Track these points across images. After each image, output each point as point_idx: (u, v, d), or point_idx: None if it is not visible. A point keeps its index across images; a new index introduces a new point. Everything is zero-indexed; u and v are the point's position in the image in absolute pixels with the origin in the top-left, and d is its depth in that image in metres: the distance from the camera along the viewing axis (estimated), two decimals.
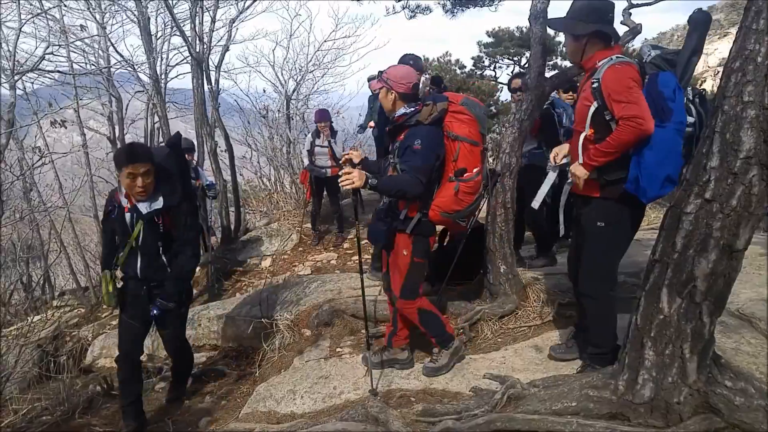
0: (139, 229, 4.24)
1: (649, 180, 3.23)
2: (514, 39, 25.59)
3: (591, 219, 3.56)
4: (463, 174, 3.91)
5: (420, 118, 3.83)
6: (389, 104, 3.96)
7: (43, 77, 9.44)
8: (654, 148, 3.21)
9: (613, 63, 3.34)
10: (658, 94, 3.24)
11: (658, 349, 2.74)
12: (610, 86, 3.28)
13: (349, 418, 3.53)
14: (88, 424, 4.70)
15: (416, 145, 3.72)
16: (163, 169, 4.27)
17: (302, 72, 13.83)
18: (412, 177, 3.67)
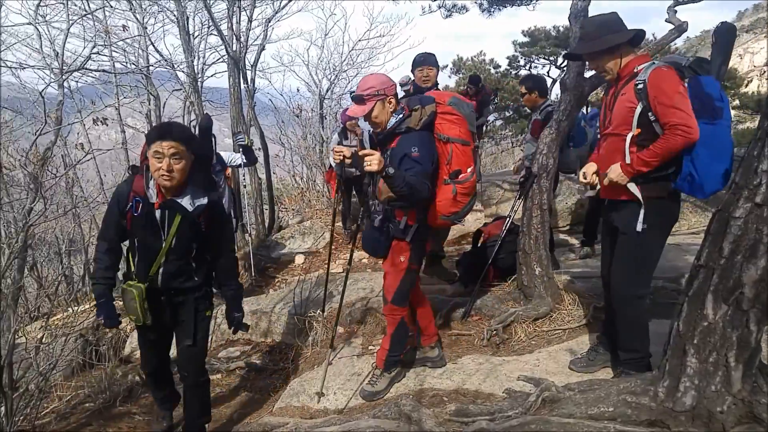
0: (175, 230, 3.56)
1: (706, 176, 3.24)
2: (550, 38, 25.32)
3: (630, 221, 3.48)
4: (458, 176, 3.85)
5: (411, 124, 3.72)
6: (388, 114, 3.77)
7: (86, 76, 9.64)
8: (709, 145, 3.22)
9: (658, 66, 3.33)
10: (706, 96, 3.27)
11: (702, 356, 2.68)
12: (657, 88, 3.26)
13: (382, 416, 3.53)
14: (128, 412, 4.79)
15: (414, 153, 3.62)
16: (201, 159, 3.74)
17: (336, 71, 13.88)
18: (418, 183, 3.54)
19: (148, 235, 3.59)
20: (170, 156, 3.38)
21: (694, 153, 3.24)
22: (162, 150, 3.37)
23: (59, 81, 5.78)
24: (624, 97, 3.44)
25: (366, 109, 3.71)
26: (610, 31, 3.45)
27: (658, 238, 3.55)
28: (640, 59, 3.45)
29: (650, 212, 3.43)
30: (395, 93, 3.77)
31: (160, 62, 10.85)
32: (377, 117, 3.75)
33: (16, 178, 8.07)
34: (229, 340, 6.51)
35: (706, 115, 3.22)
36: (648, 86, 3.29)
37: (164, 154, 3.37)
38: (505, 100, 24.64)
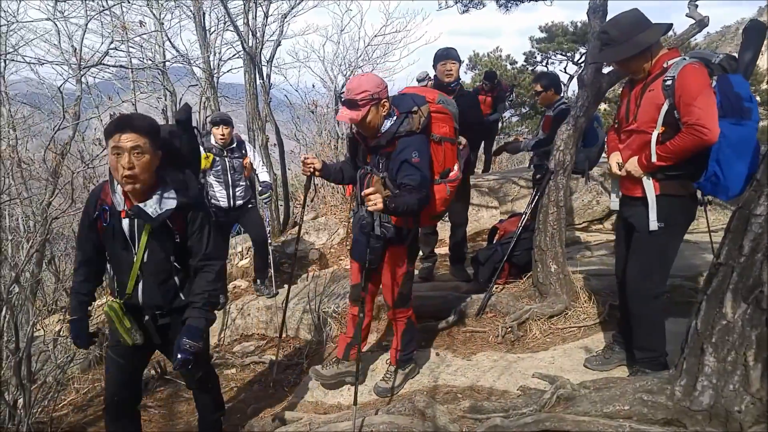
0: (145, 241, 3.09)
1: (732, 178, 3.17)
2: (567, 34, 25.19)
3: (647, 219, 3.44)
4: (449, 174, 3.83)
5: (413, 127, 3.53)
6: (381, 118, 3.56)
7: (104, 72, 9.72)
8: (737, 146, 3.15)
9: (689, 62, 3.26)
10: (735, 95, 3.18)
11: (720, 355, 2.65)
12: (685, 86, 3.19)
13: (396, 412, 3.53)
14: (143, 405, 4.83)
15: (415, 158, 3.44)
16: (173, 155, 3.20)
17: (351, 67, 13.86)
18: (420, 192, 3.40)
19: (118, 248, 3.14)
20: (130, 151, 2.90)
21: (720, 153, 3.17)
22: (121, 144, 2.89)
23: (77, 76, 5.83)
24: (652, 94, 3.37)
25: (360, 114, 3.47)
26: (639, 31, 3.32)
27: (674, 237, 3.51)
28: (669, 54, 3.37)
29: (668, 210, 3.39)
30: (388, 96, 3.57)
31: (176, 58, 10.93)
32: (370, 122, 3.52)
33: (35, 173, 8.14)
34: (243, 335, 6.56)
35: (734, 116, 3.15)
36: (676, 83, 3.22)
37: (124, 149, 2.90)
38: (522, 96, 24.54)
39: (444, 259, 6.74)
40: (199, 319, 3.17)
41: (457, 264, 6.19)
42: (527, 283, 5.32)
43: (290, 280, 5.11)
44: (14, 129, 7.73)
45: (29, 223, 7.68)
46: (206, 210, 3.31)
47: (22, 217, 8.85)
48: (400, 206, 3.28)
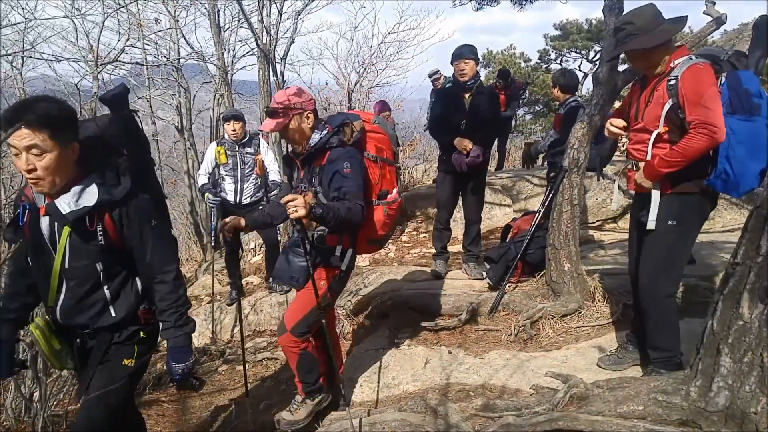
0: (64, 243, 2.53)
1: (742, 175, 3.14)
2: (582, 32, 25.06)
3: (660, 217, 3.40)
4: (386, 196, 3.65)
5: (344, 139, 3.39)
6: (308, 130, 3.42)
7: (119, 68, 9.79)
8: (746, 143, 3.12)
9: (694, 62, 3.22)
10: (744, 91, 3.16)
11: (736, 356, 2.63)
12: (689, 85, 3.16)
13: (408, 409, 3.53)
14: (157, 400, 4.86)
15: (346, 169, 3.27)
16: (98, 146, 2.62)
17: (365, 64, 13.85)
18: (352, 204, 3.19)
19: (38, 251, 2.62)
20: (27, 150, 2.32)
21: (729, 150, 3.14)
22: (15, 143, 2.31)
23: (94, 73, 5.86)
24: (658, 93, 3.35)
25: (282, 123, 3.36)
26: (663, 21, 3.30)
27: (688, 235, 3.48)
28: (678, 53, 3.33)
29: (681, 208, 3.37)
30: (314, 108, 3.46)
31: (190, 55, 10.97)
32: (294, 133, 3.41)
33: None
34: (256, 331, 6.57)
35: (743, 111, 3.13)
36: (680, 82, 3.19)
37: (19, 149, 2.33)
38: (535, 94, 24.46)
39: (456, 256, 6.73)
40: (178, 338, 2.72)
41: (470, 262, 6.17)
42: (540, 281, 5.29)
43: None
44: None
45: None
46: (147, 208, 2.68)
47: None
48: (327, 213, 3.05)
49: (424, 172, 12.89)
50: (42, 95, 2.59)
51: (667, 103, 3.26)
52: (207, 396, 4.98)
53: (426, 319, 5.23)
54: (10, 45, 9.36)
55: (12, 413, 3.90)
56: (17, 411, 3.93)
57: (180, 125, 10.91)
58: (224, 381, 5.30)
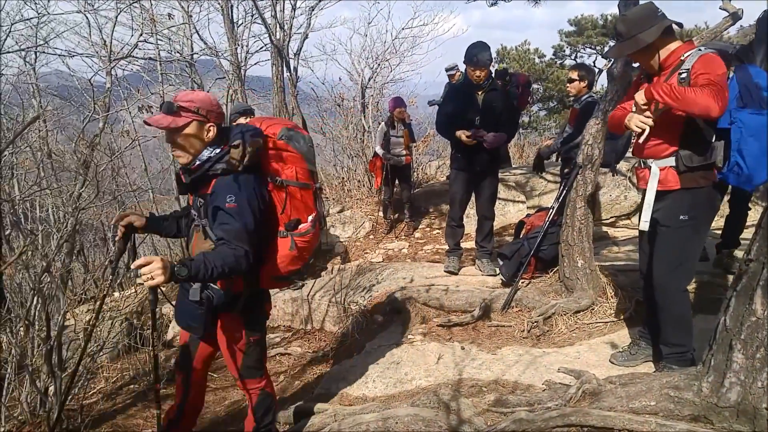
0: None
1: (754, 168, 3.13)
2: (597, 27, 24.87)
3: (671, 213, 3.41)
4: (298, 226, 3.11)
5: (230, 164, 2.83)
6: (201, 145, 2.89)
7: (133, 64, 9.84)
8: (758, 136, 3.11)
9: (704, 52, 3.21)
10: (754, 85, 3.18)
11: (748, 352, 2.62)
12: (700, 67, 3.13)
13: (421, 404, 3.55)
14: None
15: (229, 203, 2.76)
16: None
17: (379, 60, 13.83)
18: (234, 248, 2.70)
19: None
20: None
21: (742, 143, 3.14)
22: None
23: (107, 68, 5.90)
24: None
25: (178, 122, 2.83)
26: (643, 27, 3.27)
27: (700, 229, 3.47)
28: (685, 47, 3.31)
29: (692, 203, 3.36)
30: (220, 123, 2.93)
31: (204, 50, 11.00)
32: (185, 141, 2.85)
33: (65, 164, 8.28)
34: (269, 326, 6.61)
35: (754, 105, 3.13)
36: (692, 69, 3.16)
37: None
38: (550, 90, 24.33)
39: (469, 253, 6.73)
40: None
41: (483, 258, 6.17)
42: (553, 278, 5.29)
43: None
44: (45, 121, 7.86)
45: (59, 213, 7.81)
46: None
47: (52, 208, 9.01)
48: (198, 271, 2.58)
49: (438, 168, 12.89)
50: None
51: None
52: (221, 391, 5.02)
53: (439, 315, 5.25)
54: (23, 40, 9.43)
55: (27, 407, 3.95)
56: (32, 405, 3.98)
57: None
58: None
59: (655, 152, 3.41)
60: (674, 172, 3.35)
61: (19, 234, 5.28)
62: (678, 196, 3.37)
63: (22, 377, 3.96)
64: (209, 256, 2.64)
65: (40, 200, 9.57)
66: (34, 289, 3.99)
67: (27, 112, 8.92)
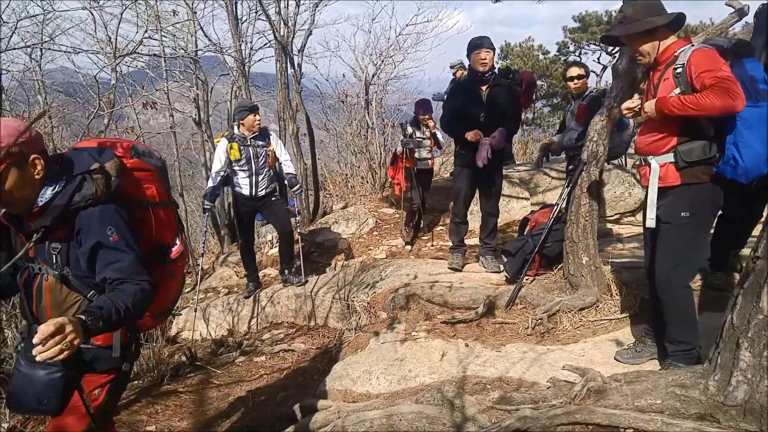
0: None
1: (750, 160, 3.14)
2: (602, 23, 24.80)
3: (673, 209, 3.40)
4: (169, 251, 2.74)
5: (94, 194, 2.29)
6: (35, 184, 2.25)
7: (137, 61, 9.85)
8: (754, 128, 3.13)
9: (698, 47, 3.23)
10: (749, 78, 3.23)
11: (756, 350, 2.60)
12: (698, 62, 3.13)
13: (425, 402, 3.54)
14: (175, 391, 4.91)
15: (112, 237, 2.28)
16: None
17: (382, 57, 13.82)
18: (138, 283, 2.26)
19: None
20: None
21: (737, 136, 3.15)
22: None
23: (112, 65, 5.91)
24: (666, 83, 3.33)
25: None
26: (651, 14, 3.31)
27: (703, 225, 3.47)
28: (680, 43, 3.33)
29: (694, 199, 3.35)
30: (43, 149, 2.30)
31: (208, 47, 11.02)
32: (13, 191, 2.19)
33: None
34: (273, 323, 6.62)
35: (750, 98, 3.12)
36: (688, 65, 3.18)
37: None
38: (554, 86, 24.27)
39: (473, 249, 6.72)
40: None
41: (487, 255, 6.16)
42: (558, 274, 5.27)
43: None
44: (50, 117, 7.88)
45: None
46: None
47: None
48: (109, 318, 2.09)
49: (441, 164, 12.86)
50: None
51: (676, 90, 3.24)
52: (224, 387, 5.03)
53: (443, 311, 5.24)
54: (29, 37, 9.46)
55: None
56: None
57: (197, 117, 10.97)
58: (241, 372, 5.34)
59: (654, 149, 3.42)
60: (674, 168, 3.34)
61: None
62: (679, 193, 3.37)
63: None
64: (114, 296, 2.17)
65: None
66: None
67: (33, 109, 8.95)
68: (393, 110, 14.61)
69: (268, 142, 6.57)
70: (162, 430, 4.26)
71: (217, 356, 5.83)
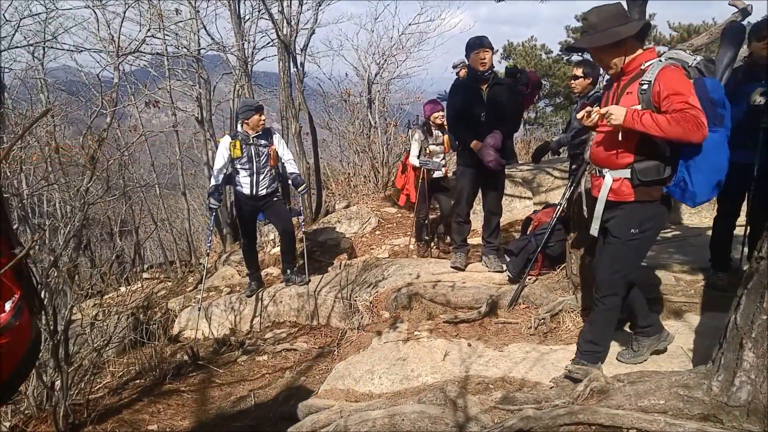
0: None
1: (699, 185, 3.15)
2: None
3: (623, 225, 3.39)
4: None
5: None
6: None
7: (140, 59, 9.86)
8: (707, 153, 3.11)
9: (666, 64, 3.16)
10: (710, 101, 3.14)
11: (759, 350, 2.60)
12: (667, 84, 3.07)
13: (428, 401, 3.54)
14: (177, 389, 4.91)
15: None
16: None
17: (385, 56, 13.81)
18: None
19: None
20: None
21: (690, 159, 3.14)
22: None
23: (115, 64, 5.91)
24: (630, 97, 3.25)
25: None
26: (617, 23, 3.20)
27: (649, 240, 3.51)
28: (646, 55, 3.26)
29: (644, 216, 3.36)
30: None
31: (211, 46, 11.01)
32: None
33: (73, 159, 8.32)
34: (275, 322, 6.61)
35: (708, 123, 3.05)
36: (654, 85, 3.11)
37: None
38: (556, 86, 24.22)
39: (476, 249, 6.71)
40: None
41: (490, 254, 6.15)
42: (561, 274, 5.27)
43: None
44: (53, 116, 7.90)
45: (66, 208, 7.84)
46: None
47: (59, 203, 9.05)
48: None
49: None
50: None
51: (637, 106, 3.19)
52: (226, 386, 5.03)
53: (445, 311, 5.23)
54: (31, 36, 9.48)
55: (33, 402, 3.97)
56: (38, 400, 4.00)
57: (200, 116, 10.97)
58: (243, 371, 5.34)
59: (610, 162, 3.38)
60: (629, 183, 3.32)
61: (27, 228, 5.30)
62: (631, 209, 3.36)
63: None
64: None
65: (48, 195, 9.63)
66: (42, 283, 4.00)
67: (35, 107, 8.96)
68: (396, 109, 14.59)
69: (270, 141, 6.56)
70: (164, 429, 4.26)
71: (219, 355, 5.84)
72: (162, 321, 6.68)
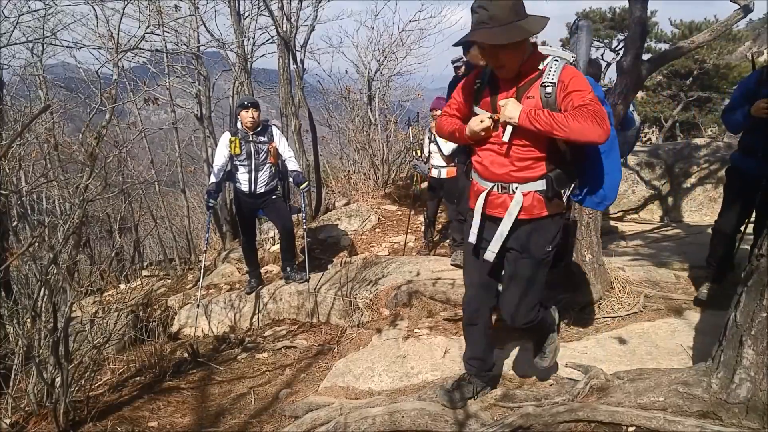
0: None
1: (611, 186, 3.05)
2: (605, 20, 24.69)
3: (537, 244, 3.04)
4: None
5: None
6: None
7: (139, 56, 9.87)
8: (608, 153, 2.99)
9: (565, 63, 2.83)
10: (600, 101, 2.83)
11: (759, 348, 2.60)
12: (573, 83, 2.75)
13: (428, 399, 3.54)
14: (177, 387, 4.90)
15: None
16: None
17: (385, 53, 13.80)
18: None
19: None
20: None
21: (596, 162, 3.01)
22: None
23: (114, 60, 5.90)
24: (531, 101, 2.83)
25: None
26: (522, 17, 2.74)
27: (551, 260, 3.16)
28: (540, 54, 2.89)
29: (556, 231, 3.08)
30: None
31: (210, 42, 11.01)
32: None
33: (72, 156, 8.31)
34: (275, 319, 6.61)
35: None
36: (560, 84, 2.77)
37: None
38: None
39: None
40: None
41: None
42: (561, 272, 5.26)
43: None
44: (51, 113, 7.89)
45: (66, 205, 7.84)
46: None
47: (58, 200, 9.05)
48: None
49: None
50: None
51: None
52: (226, 384, 5.02)
53: (446, 308, 5.23)
54: (30, 32, 9.47)
55: (34, 398, 3.96)
56: (39, 397, 3.99)
57: (199, 113, 10.98)
58: (243, 369, 5.33)
59: (518, 177, 2.97)
60: (540, 197, 2.97)
61: (26, 225, 5.29)
62: (545, 225, 3.04)
63: (29, 368, 3.96)
64: None
65: (47, 192, 9.63)
66: (41, 280, 3.99)
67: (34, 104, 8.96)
68: (396, 106, 14.60)
69: (270, 138, 6.54)
70: (164, 426, 4.25)
71: (219, 353, 5.83)
72: (162, 318, 6.68)
